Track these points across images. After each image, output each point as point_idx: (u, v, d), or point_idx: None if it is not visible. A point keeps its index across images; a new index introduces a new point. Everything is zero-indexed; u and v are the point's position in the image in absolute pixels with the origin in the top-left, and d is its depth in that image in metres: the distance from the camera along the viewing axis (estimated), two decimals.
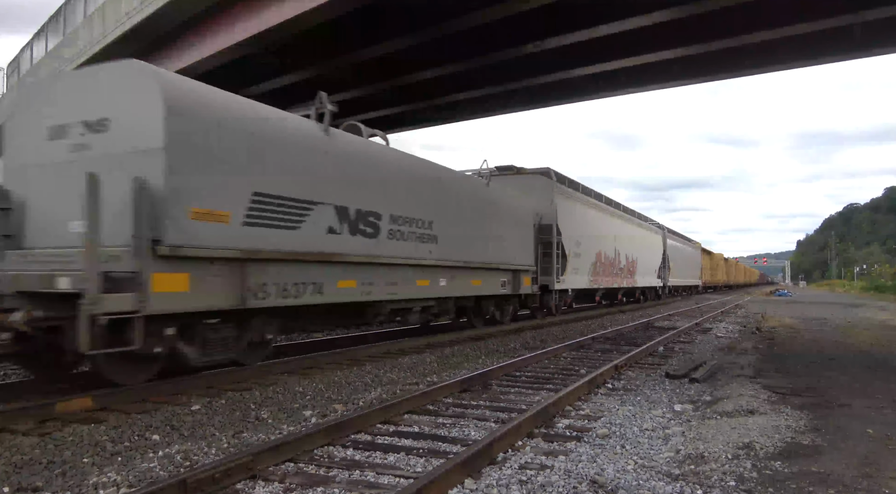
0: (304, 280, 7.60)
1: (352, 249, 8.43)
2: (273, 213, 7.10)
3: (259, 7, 14.55)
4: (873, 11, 13.23)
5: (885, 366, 8.68)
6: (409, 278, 9.92)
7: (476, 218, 12.21)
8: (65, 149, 6.42)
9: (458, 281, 11.46)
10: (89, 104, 6.41)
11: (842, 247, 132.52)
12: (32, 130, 6.67)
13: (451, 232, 11.08)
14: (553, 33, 14.91)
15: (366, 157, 9.23)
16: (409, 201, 9.92)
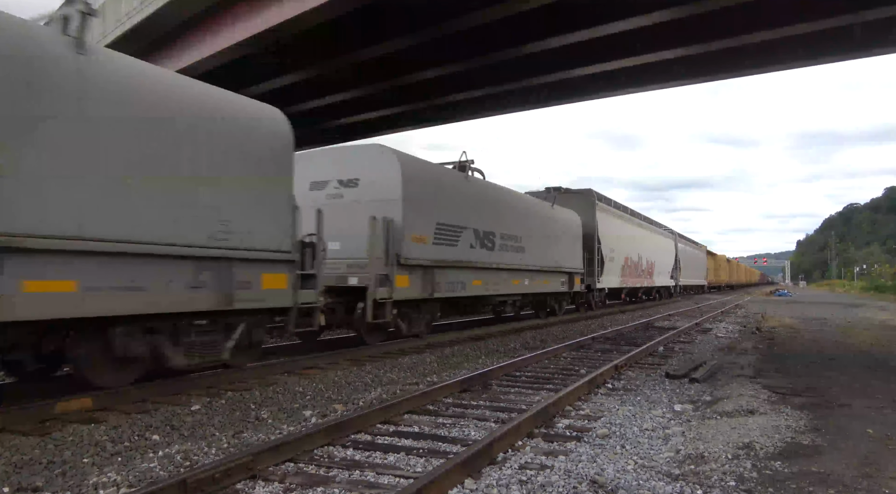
0: (457, 280, 11.77)
1: (479, 258, 12.65)
2: (445, 235, 11.40)
3: (259, 7, 14.55)
4: (873, 11, 13.22)
5: (885, 366, 8.68)
6: (508, 279, 14.04)
7: (546, 232, 16.34)
8: (323, 197, 10.38)
9: (535, 281, 15.56)
10: (345, 168, 10.64)
11: (842, 246, 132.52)
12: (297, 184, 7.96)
13: (532, 244, 15.19)
14: (553, 33, 14.90)
15: (485, 192, 13.74)
16: (510, 222, 14.17)
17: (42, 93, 5.08)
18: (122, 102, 5.69)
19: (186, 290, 6.19)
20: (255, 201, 7.03)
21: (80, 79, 5.36)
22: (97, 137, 5.45)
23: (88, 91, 5.41)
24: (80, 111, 5.33)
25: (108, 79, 5.65)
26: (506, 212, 14.14)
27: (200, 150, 6.40)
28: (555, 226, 17.21)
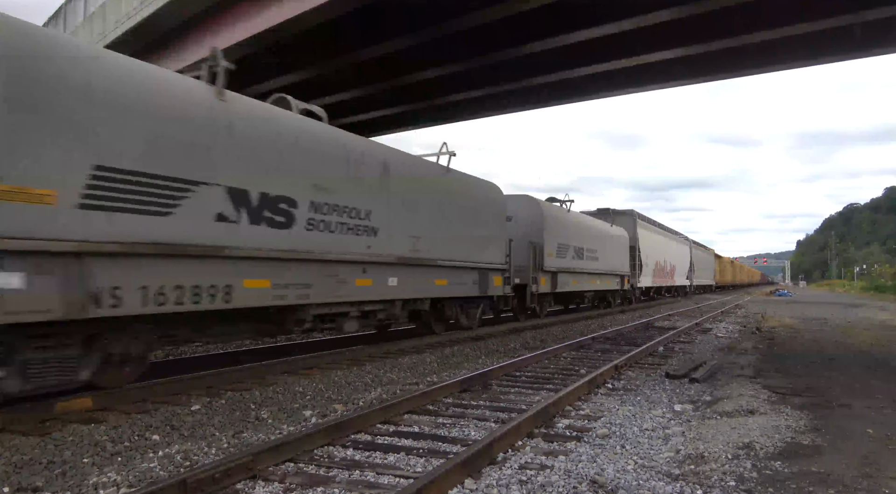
0: (565, 281, 17.80)
1: (576, 266, 18.73)
2: (560, 251, 17.22)
3: (259, 7, 14.56)
4: (873, 11, 13.22)
5: (885, 366, 8.68)
6: (589, 280, 19.94)
7: (609, 245, 22.10)
8: None
9: (603, 281, 21.58)
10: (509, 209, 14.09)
11: (842, 246, 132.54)
12: None
13: (602, 254, 20.98)
14: (553, 33, 14.90)
15: (578, 219, 20.00)
16: (591, 240, 19.98)
17: None
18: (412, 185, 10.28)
19: (471, 285, 11.87)
20: (490, 238, 12.64)
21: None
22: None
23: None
24: None
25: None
26: (588, 233, 20.04)
27: (459, 209, 11.53)
28: (613, 240, 22.92)
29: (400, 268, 9.55)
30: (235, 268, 6.62)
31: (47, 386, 5.34)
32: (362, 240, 8.66)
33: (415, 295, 10.09)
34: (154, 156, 5.83)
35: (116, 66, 5.77)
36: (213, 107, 6.62)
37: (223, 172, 6.53)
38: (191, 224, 6.17)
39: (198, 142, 6.30)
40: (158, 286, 5.82)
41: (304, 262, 7.61)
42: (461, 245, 11.43)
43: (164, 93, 6.15)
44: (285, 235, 7.28)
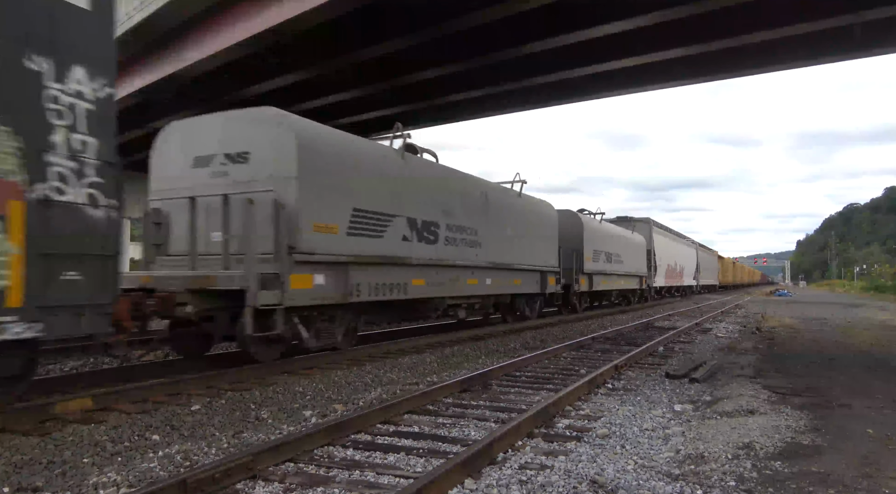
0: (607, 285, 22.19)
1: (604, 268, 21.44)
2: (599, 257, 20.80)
3: (259, 7, 14.55)
4: (873, 11, 13.22)
5: (885, 366, 8.68)
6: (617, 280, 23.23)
7: (630, 250, 25.18)
8: None
9: (627, 282, 24.92)
10: None
11: (842, 246, 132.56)
12: None
13: (625, 258, 24.11)
14: (553, 33, 14.90)
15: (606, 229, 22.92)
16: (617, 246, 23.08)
17: None
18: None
19: (535, 284, 15.26)
20: (547, 247, 16.09)
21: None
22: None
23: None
24: None
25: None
26: (616, 240, 23.61)
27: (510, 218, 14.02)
28: (634, 246, 26.09)
29: (493, 271, 13.17)
30: (409, 272, 10.13)
31: (326, 346, 8.77)
32: (472, 251, 12.27)
33: (501, 292, 13.90)
34: (376, 199, 9.33)
35: (362, 144, 9.81)
36: (399, 165, 10.26)
37: (405, 207, 10.01)
38: (391, 243, 9.62)
39: (394, 188, 9.83)
40: (376, 283, 9.26)
41: (442, 267, 11.15)
42: (529, 252, 15.12)
43: (380, 159, 9.91)
44: (432, 249, 10.84)
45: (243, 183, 7.93)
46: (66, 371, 7.85)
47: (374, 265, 9.22)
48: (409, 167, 10.51)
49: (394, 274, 9.71)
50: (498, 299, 14.19)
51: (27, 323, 4.66)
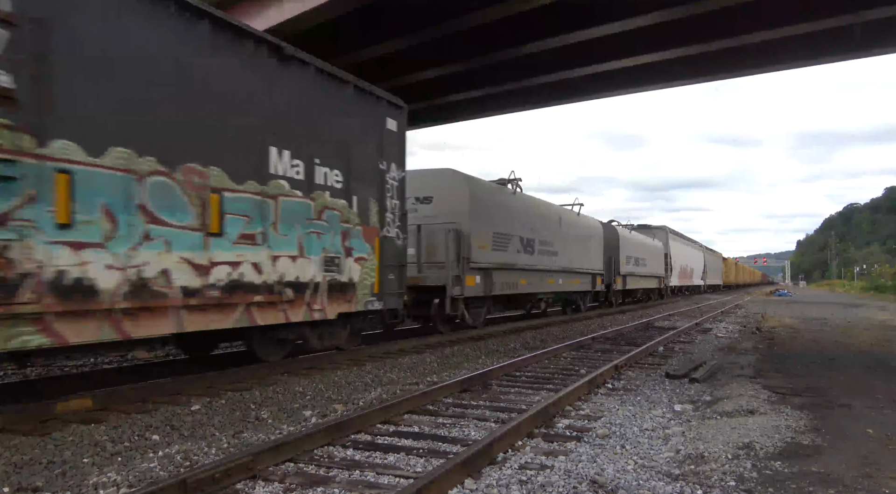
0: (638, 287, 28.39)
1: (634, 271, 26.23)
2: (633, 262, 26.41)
3: (259, 7, 14.54)
4: (873, 11, 13.21)
5: (885, 366, 8.68)
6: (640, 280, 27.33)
7: (651, 254, 29.21)
8: None
9: (647, 281, 28.65)
10: None
11: (842, 246, 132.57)
12: None
13: (648, 261, 28.18)
14: (553, 33, 14.88)
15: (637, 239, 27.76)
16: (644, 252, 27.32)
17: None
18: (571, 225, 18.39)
19: (588, 284, 19.93)
20: (595, 254, 20.27)
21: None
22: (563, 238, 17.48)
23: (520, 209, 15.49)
24: None
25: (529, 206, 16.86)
26: (643, 247, 27.83)
27: (576, 234, 18.44)
28: (655, 251, 30.34)
29: (564, 274, 17.76)
30: (519, 274, 14.68)
31: (474, 324, 13.12)
32: (551, 259, 16.76)
33: (568, 289, 18.54)
34: (504, 224, 13.83)
35: (495, 187, 14.51)
36: (513, 199, 15.01)
37: (516, 228, 14.48)
38: (510, 254, 14.14)
39: (511, 216, 14.32)
40: (503, 282, 13.74)
41: (535, 271, 15.73)
42: (586, 259, 19.66)
43: (505, 196, 14.64)
44: (530, 258, 15.36)
45: (429, 217, 12.28)
46: (66, 371, 7.85)
47: (502, 270, 13.93)
48: (518, 200, 15.40)
49: (511, 275, 14.43)
50: (565, 295, 19.46)
51: (380, 301, 9.08)
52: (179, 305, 5.89)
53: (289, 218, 7.34)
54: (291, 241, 7.38)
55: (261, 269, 6.88)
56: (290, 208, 7.37)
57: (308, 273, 7.61)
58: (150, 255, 5.63)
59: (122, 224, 5.37)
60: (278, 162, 7.24)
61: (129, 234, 5.44)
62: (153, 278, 5.64)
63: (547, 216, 16.88)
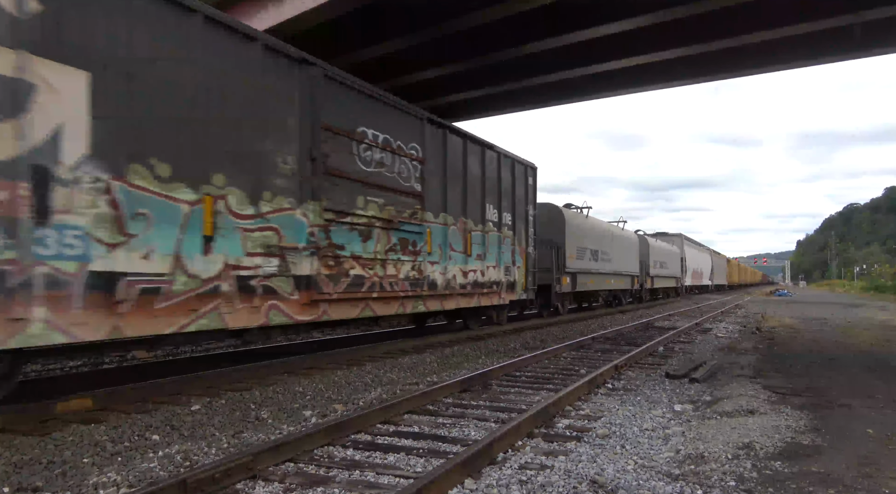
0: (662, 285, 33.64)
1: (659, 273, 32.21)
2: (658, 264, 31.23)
3: (259, 7, 14.54)
4: (873, 11, 13.21)
5: (886, 366, 8.68)
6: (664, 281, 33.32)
7: (669, 258, 34.18)
8: None
9: (667, 281, 34.01)
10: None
11: (842, 246, 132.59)
12: None
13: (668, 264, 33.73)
14: (553, 33, 14.88)
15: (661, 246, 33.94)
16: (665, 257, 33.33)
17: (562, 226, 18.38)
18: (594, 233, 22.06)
19: (628, 284, 25.38)
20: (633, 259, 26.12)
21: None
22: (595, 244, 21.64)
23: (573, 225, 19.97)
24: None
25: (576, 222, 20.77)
26: (666, 253, 33.40)
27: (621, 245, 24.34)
28: (673, 255, 35.63)
29: (614, 276, 23.15)
30: (589, 276, 20.23)
31: (561, 312, 18.46)
32: (607, 264, 21.98)
33: (616, 288, 23.88)
34: (582, 240, 19.45)
35: (575, 212, 20.31)
36: (586, 220, 20.67)
37: (587, 242, 19.91)
38: (585, 261, 19.67)
39: (584, 233, 19.77)
40: (581, 282, 19.39)
41: (599, 274, 21.17)
42: (627, 264, 25.05)
43: (581, 218, 20.30)
44: (595, 264, 20.66)
45: (538, 236, 15.94)
46: (66, 371, 7.85)
47: (581, 273, 19.57)
48: (589, 221, 21.08)
49: (586, 277, 20.05)
50: (614, 292, 24.57)
51: (525, 293, 14.35)
52: (457, 294, 11.41)
53: (492, 244, 12.69)
54: (492, 258, 12.75)
55: (483, 274, 12.33)
56: (493, 238, 12.77)
57: (499, 276, 13.02)
58: (451, 267, 11.12)
59: (443, 252, 10.86)
60: (488, 211, 12.57)
61: (444, 257, 10.87)
62: (451, 279, 11.12)
63: (604, 232, 22.67)
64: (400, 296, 9.55)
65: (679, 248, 38.08)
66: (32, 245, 4.83)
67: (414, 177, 9.99)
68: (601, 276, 21.69)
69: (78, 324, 5.14)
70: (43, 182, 4.91)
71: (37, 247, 4.86)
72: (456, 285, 11.24)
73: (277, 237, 7.15)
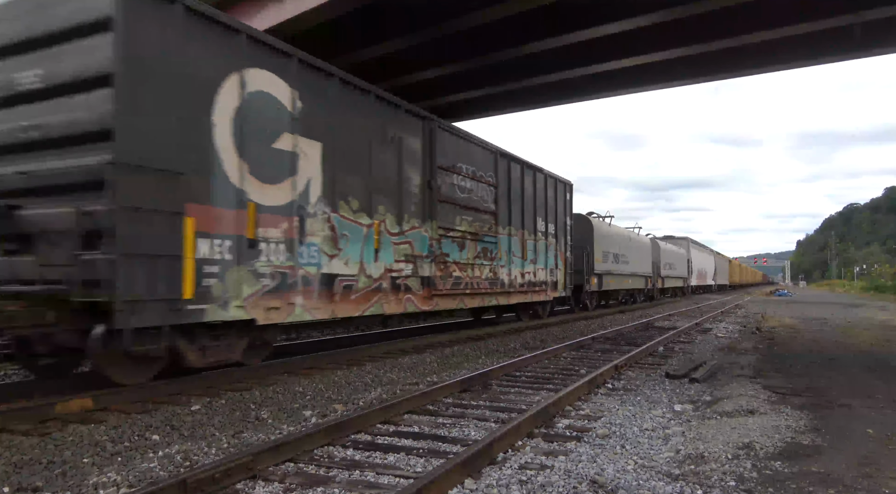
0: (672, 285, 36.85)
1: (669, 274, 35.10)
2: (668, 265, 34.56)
3: (259, 7, 14.53)
4: (873, 11, 13.20)
5: (885, 366, 8.68)
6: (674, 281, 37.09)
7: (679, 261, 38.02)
8: None
9: (675, 281, 37.41)
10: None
11: (842, 246, 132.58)
12: None
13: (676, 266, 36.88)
14: (553, 33, 14.88)
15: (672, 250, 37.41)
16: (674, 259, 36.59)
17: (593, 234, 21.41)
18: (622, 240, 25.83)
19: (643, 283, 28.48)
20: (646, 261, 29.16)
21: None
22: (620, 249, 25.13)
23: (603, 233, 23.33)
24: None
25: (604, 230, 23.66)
26: (675, 255, 36.41)
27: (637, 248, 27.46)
28: (680, 257, 38.48)
29: (631, 277, 25.83)
30: (611, 277, 22.92)
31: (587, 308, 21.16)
32: (626, 266, 24.81)
33: (632, 287, 26.80)
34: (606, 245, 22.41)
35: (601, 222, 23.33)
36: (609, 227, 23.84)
37: (610, 247, 22.97)
38: (608, 264, 22.56)
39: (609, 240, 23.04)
40: (605, 282, 22.27)
41: (619, 275, 24.09)
42: (642, 266, 27.86)
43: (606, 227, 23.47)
44: (616, 266, 23.59)
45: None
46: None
47: (605, 274, 22.21)
48: (612, 228, 23.99)
49: (608, 278, 22.69)
50: (631, 291, 27.63)
51: (564, 291, 17.56)
52: (517, 291, 14.04)
53: (540, 250, 15.55)
54: (541, 262, 15.58)
55: (535, 275, 15.17)
56: (541, 246, 15.62)
57: (546, 277, 15.94)
58: (514, 270, 13.86)
59: (508, 257, 13.58)
60: (538, 223, 15.49)
61: (509, 261, 13.60)
62: (514, 279, 13.80)
63: (624, 237, 25.55)
64: (482, 292, 12.50)
65: (686, 251, 41.03)
66: (297, 257, 7.57)
67: (490, 199, 12.94)
68: (621, 277, 24.45)
69: (316, 308, 7.92)
70: (302, 216, 7.68)
71: (299, 258, 7.61)
72: (516, 284, 14.08)
73: (411, 248, 10.04)
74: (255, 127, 7.04)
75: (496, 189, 13.13)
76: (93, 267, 5.48)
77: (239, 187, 6.79)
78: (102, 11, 5.65)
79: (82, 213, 5.53)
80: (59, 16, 5.89)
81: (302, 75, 7.75)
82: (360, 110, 8.83)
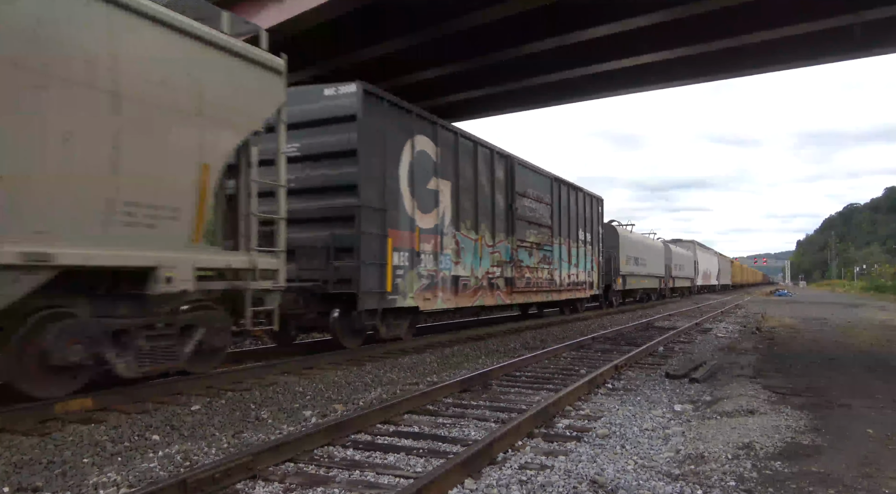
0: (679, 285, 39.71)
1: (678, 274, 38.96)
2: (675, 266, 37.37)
3: (259, 7, 14.53)
4: (873, 11, 13.22)
5: (886, 366, 8.68)
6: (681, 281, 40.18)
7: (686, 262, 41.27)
8: None
9: (683, 281, 40.13)
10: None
11: (842, 246, 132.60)
12: None
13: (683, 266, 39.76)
14: (553, 33, 14.89)
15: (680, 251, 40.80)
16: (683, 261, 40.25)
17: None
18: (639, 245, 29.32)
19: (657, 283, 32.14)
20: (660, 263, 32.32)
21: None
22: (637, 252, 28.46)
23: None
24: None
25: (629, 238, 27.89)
26: (684, 258, 39.80)
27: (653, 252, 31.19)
28: (688, 259, 41.32)
29: (647, 277, 29.36)
30: (632, 277, 26.39)
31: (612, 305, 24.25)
32: (643, 268, 28.23)
33: (648, 287, 30.02)
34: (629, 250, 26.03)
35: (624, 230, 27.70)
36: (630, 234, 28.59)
37: (632, 251, 26.54)
38: (630, 266, 25.89)
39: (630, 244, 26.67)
40: (626, 281, 25.50)
41: (638, 276, 27.44)
42: (657, 267, 30.85)
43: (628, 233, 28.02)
44: (636, 267, 27.12)
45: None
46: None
47: (627, 275, 25.18)
48: (633, 235, 27.94)
49: (630, 279, 25.58)
50: (647, 291, 30.21)
51: (599, 291, 21.23)
52: (565, 289, 17.38)
53: (581, 255, 18.56)
54: (582, 265, 18.66)
55: (577, 276, 18.23)
56: (581, 251, 18.67)
57: (584, 278, 18.86)
58: (563, 271, 17.24)
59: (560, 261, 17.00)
60: (579, 232, 18.45)
61: (560, 265, 16.96)
62: (563, 279, 17.21)
63: (642, 242, 29.24)
64: (544, 290, 15.94)
65: (693, 253, 44.82)
66: (439, 263, 10.88)
67: (547, 215, 16.15)
68: (640, 278, 27.71)
69: (448, 300, 11.26)
70: (441, 235, 10.98)
71: (440, 264, 10.92)
72: (565, 284, 17.39)
73: (500, 256, 13.32)
74: (418, 175, 10.33)
75: (551, 207, 16.38)
76: (341, 271, 8.77)
77: (411, 216, 10.12)
78: (353, 108, 8.98)
79: (333, 236, 8.88)
80: (326, 108, 9.26)
81: (438, 133, 11.01)
82: (471, 154, 12.26)
